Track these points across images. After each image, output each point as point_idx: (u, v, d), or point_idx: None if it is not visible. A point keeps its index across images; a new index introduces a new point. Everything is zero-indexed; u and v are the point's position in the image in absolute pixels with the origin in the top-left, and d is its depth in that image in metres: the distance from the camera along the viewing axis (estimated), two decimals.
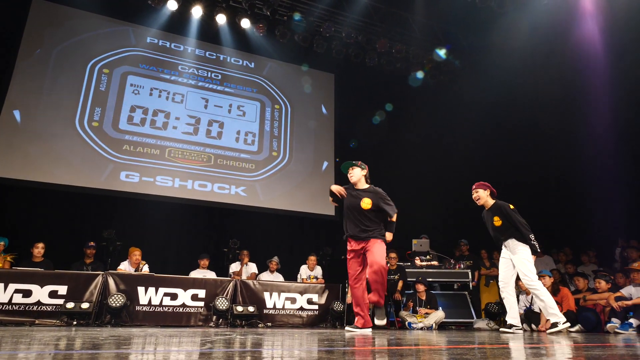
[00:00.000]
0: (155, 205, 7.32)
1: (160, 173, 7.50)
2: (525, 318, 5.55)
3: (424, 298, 6.09)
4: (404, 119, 9.67)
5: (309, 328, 5.41)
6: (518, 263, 4.28)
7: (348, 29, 8.47)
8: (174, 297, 5.24)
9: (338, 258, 7.27)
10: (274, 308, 5.68)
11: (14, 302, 4.61)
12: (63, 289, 4.83)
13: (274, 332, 3.91)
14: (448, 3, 7.92)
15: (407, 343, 2.50)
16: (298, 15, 8.13)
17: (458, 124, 9.24)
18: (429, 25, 8.80)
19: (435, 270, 6.58)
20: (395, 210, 4.18)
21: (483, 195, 4.53)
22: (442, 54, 8.90)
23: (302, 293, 5.89)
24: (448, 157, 9.32)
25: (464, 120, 9.07)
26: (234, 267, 6.62)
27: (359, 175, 4.27)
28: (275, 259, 6.75)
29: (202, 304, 5.31)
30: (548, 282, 5.28)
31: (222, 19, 8.13)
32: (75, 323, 4.63)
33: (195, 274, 6.14)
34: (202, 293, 5.36)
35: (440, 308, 5.96)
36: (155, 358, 1.62)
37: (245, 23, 8.17)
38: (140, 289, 5.13)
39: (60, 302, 4.73)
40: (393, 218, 4.18)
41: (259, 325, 5.33)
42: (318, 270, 6.75)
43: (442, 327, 5.91)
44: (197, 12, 7.97)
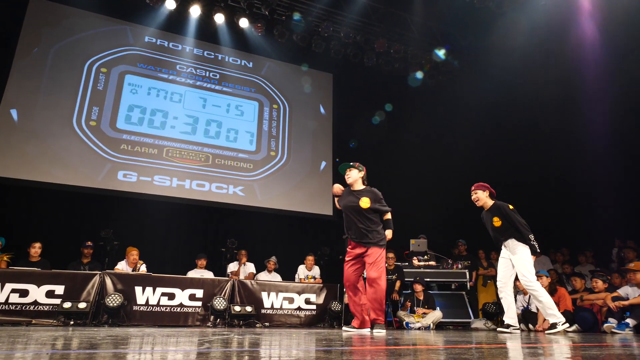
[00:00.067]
0: (153, 205, 7.31)
1: (158, 173, 7.48)
2: (523, 318, 5.56)
3: (422, 298, 6.09)
4: (403, 119, 9.68)
5: (307, 328, 5.41)
6: (517, 263, 4.28)
7: (346, 29, 8.48)
8: (172, 297, 5.22)
9: (336, 258, 7.27)
10: (272, 308, 5.67)
11: (11, 301, 4.58)
12: (60, 289, 4.81)
13: (272, 332, 3.91)
14: (446, 3, 7.94)
15: (404, 343, 2.50)
16: (298, 15, 8.12)
17: (457, 124, 9.26)
18: (427, 26, 8.81)
19: (433, 270, 6.59)
20: (388, 209, 4.23)
21: (482, 197, 4.53)
22: (441, 55, 8.91)
23: (299, 293, 5.88)
24: (446, 157, 9.33)
25: (463, 121, 9.09)
26: (232, 267, 6.61)
27: (356, 177, 4.26)
28: (273, 259, 6.75)
29: (199, 304, 5.29)
30: (545, 282, 5.29)
31: (220, 19, 8.13)
32: (72, 323, 4.61)
33: (193, 274, 6.13)
34: (199, 293, 5.34)
35: (438, 308, 5.97)
36: (153, 358, 1.61)
37: (244, 22, 8.16)
38: (138, 289, 5.11)
39: (57, 301, 4.70)
40: (389, 215, 4.22)
41: (257, 325, 5.32)
42: (316, 270, 6.75)
43: (439, 327, 5.91)
44: (195, 11, 7.96)
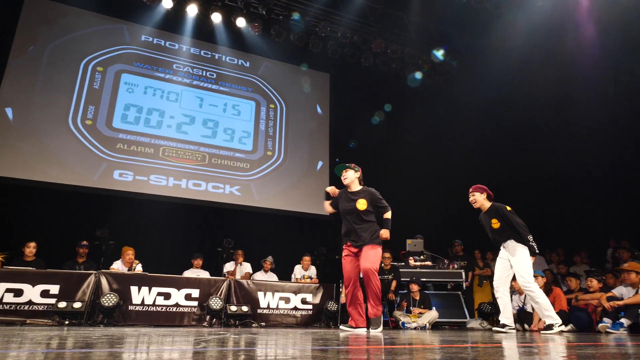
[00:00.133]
0: (149, 205, 7.28)
1: (154, 172, 7.45)
2: (518, 318, 5.58)
3: (418, 298, 6.10)
4: (400, 119, 9.69)
5: (303, 328, 5.41)
6: (516, 264, 4.28)
7: (344, 29, 8.48)
8: (168, 296, 5.21)
9: (332, 258, 7.27)
10: (268, 308, 5.66)
11: (5, 301, 4.56)
12: (55, 289, 4.79)
13: (268, 331, 3.90)
14: (443, 4, 7.96)
15: (401, 342, 2.50)
16: (297, 15, 8.12)
17: (454, 124, 9.29)
18: (425, 26, 8.83)
19: (429, 271, 6.61)
20: (389, 209, 4.20)
21: (479, 199, 4.53)
22: (439, 55, 8.93)
23: (296, 293, 5.88)
24: (444, 157, 9.35)
25: (461, 121, 9.11)
26: (228, 266, 6.60)
27: (353, 178, 4.25)
28: (270, 259, 6.74)
29: (195, 304, 5.28)
30: (541, 282, 5.31)
31: (217, 18, 8.11)
32: (67, 323, 4.59)
33: (189, 274, 6.11)
34: (195, 293, 5.33)
35: (434, 308, 5.98)
36: (149, 357, 1.60)
37: (241, 22, 8.14)
38: (134, 289, 5.10)
39: (52, 301, 4.69)
40: (388, 215, 4.19)
41: (253, 325, 5.32)
42: (312, 270, 6.75)
43: (435, 326, 5.93)
44: (192, 10, 7.94)
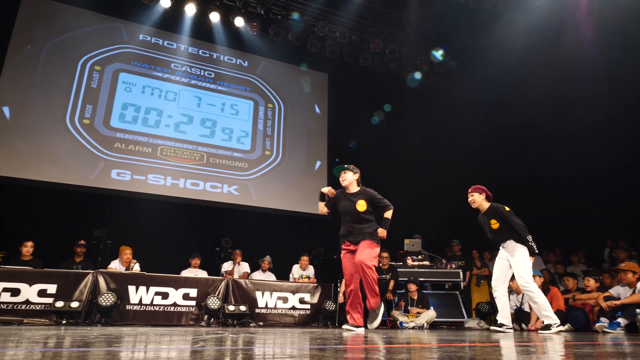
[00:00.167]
0: (147, 204, 7.27)
1: (152, 171, 7.44)
2: (516, 317, 5.59)
3: (416, 298, 6.11)
4: (398, 119, 9.70)
5: (301, 327, 5.41)
6: (515, 264, 4.29)
7: (342, 29, 8.48)
8: (165, 296, 5.20)
9: (330, 258, 7.27)
10: (266, 307, 5.66)
11: (2, 300, 4.54)
12: (52, 288, 4.77)
13: (266, 331, 3.90)
14: (441, 4, 7.96)
15: (398, 342, 2.51)
16: (297, 15, 8.11)
17: (453, 125, 9.30)
18: (423, 26, 8.84)
19: (427, 270, 6.61)
20: (391, 207, 4.18)
21: (478, 199, 4.54)
22: (438, 56, 8.94)
23: (294, 292, 5.88)
24: (441, 157, 9.37)
25: (459, 121, 9.13)
26: (226, 266, 6.59)
27: (351, 179, 4.26)
28: (268, 258, 6.74)
29: (193, 303, 5.28)
30: (538, 282, 5.31)
31: (215, 17, 8.10)
32: (65, 322, 4.58)
33: (187, 273, 6.11)
34: (193, 292, 5.33)
35: (432, 307, 5.99)
36: (146, 356, 1.60)
37: (239, 21, 8.14)
38: (131, 288, 5.09)
39: (50, 301, 4.67)
40: (388, 214, 4.17)
41: (251, 325, 5.31)
42: (310, 270, 6.75)
43: (433, 326, 5.93)
44: (190, 9, 7.93)
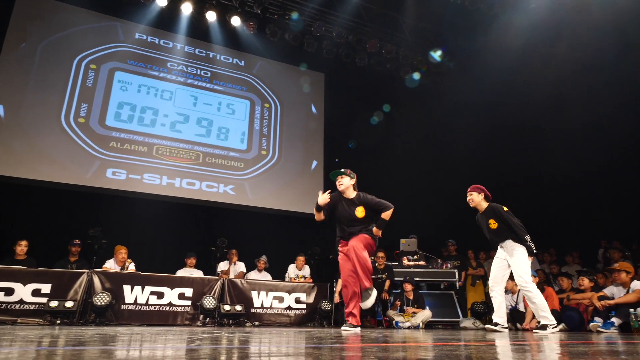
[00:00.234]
0: (142, 203, 7.23)
1: (148, 170, 7.41)
2: (510, 317, 5.61)
3: (411, 297, 6.12)
4: (395, 120, 9.72)
5: (297, 327, 5.40)
6: (515, 264, 4.31)
7: (339, 29, 8.48)
8: (161, 295, 5.18)
9: (326, 258, 7.27)
10: (262, 307, 5.65)
11: None
12: (47, 287, 4.74)
13: (262, 330, 3.90)
14: (438, 5, 7.98)
15: (394, 341, 2.51)
16: (296, 14, 8.11)
17: (449, 125, 9.33)
18: (419, 27, 8.85)
19: (423, 270, 6.63)
20: (391, 206, 4.11)
21: (477, 199, 4.55)
22: (436, 56, 8.97)
23: (290, 292, 5.87)
24: (437, 157, 9.40)
25: (455, 121, 9.15)
26: (222, 266, 6.57)
27: (348, 184, 4.25)
28: (264, 258, 6.73)
29: (189, 303, 5.26)
30: (533, 282, 5.34)
31: (212, 16, 8.08)
32: (59, 322, 4.55)
33: (182, 273, 6.09)
34: (189, 292, 5.31)
35: (427, 307, 6.01)
36: (141, 355, 1.60)
37: (236, 21, 8.12)
38: (126, 288, 5.06)
39: (44, 300, 4.64)
40: (385, 215, 4.10)
41: (247, 324, 5.31)
42: (306, 270, 6.75)
43: (428, 326, 5.95)
44: (187, 8, 7.91)
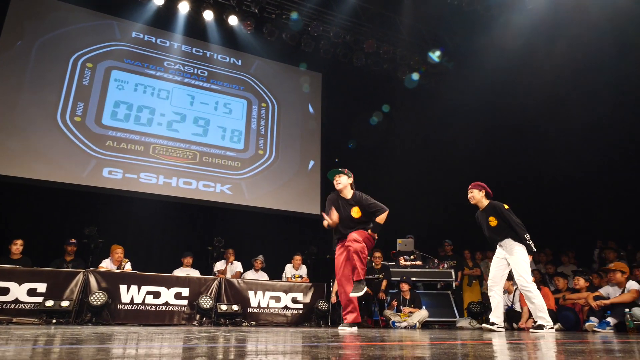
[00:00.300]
0: (139, 203, 7.21)
1: (144, 170, 7.38)
2: (507, 317, 5.63)
3: (408, 297, 6.13)
4: (391, 120, 9.73)
5: (294, 327, 5.40)
6: (515, 263, 4.32)
7: (336, 29, 8.49)
8: (157, 295, 5.17)
9: (323, 257, 7.28)
10: (259, 307, 5.65)
11: None
12: (42, 287, 4.72)
13: (259, 330, 3.89)
14: (435, 5, 8.00)
15: (391, 340, 2.51)
16: (296, 14, 8.11)
17: (446, 125, 9.35)
18: (416, 27, 8.88)
19: (419, 270, 6.64)
20: (386, 210, 4.11)
21: (477, 196, 4.55)
22: (435, 57, 8.99)
23: (286, 292, 5.87)
24: (435, 157, 9.42)
25: (452, 122, 9.18)
26: (219, 265, 6.56)
27: (345, 183, 4.28)
28: (260, 258, 6.72)
29: (185, 303, 5.24)
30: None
31: (209, 16, 8.06)
32: (55, 321, 4.53)
33: (179, 273, 6.08)
34: (185, 291, 5.29)
35: (424, 307, 6.01)
36: (138, 353, 1.59)
37: (233, 20, 8.11)
38: (122, 287, 5.05)
39: (39, 300, 4.61)
40: (380, 218, 4.10)
41: (243, 324, 5.30)
42: (303, 269, 6.75)
43: (425, 326, 5.96)
44: (184, 7, 7.89)
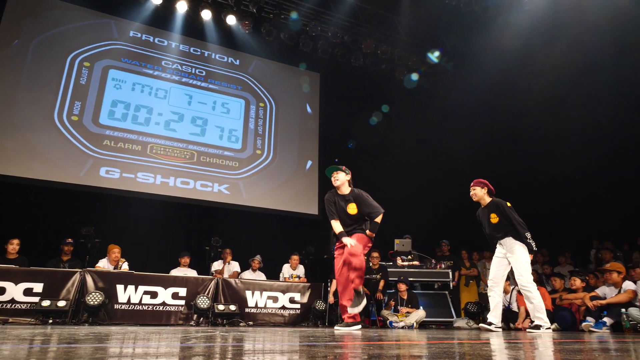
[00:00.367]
0: (136, 202, 7.19)
1: (142, 169, 7.36)
2: (504, 317, 5.64)
3: (406, 297, 6.14)
4: (389, 120, 9.74)
5: (291, 327, 5.40)
6: (515, 262, 4.33)
7: (334, 29, 8.49)
8: (154, 295, 5.15)
9: (321, 257, 7.27)
10: (256, 307, 5.64)
11: None
12: (39, 287, 4.70)
13: (256, 330, 3.89)
14: (433, 6, 8.01)
15: (389, 339, 2.51)
16: (295, 14, 8.10)
17: (444, 126, 9.37)
18: (414, 28, 8.89)
19: (417, 270, 6.65)
20: (381, 211, 4.19)
21: (479, 193, 4.55)
22: (434, 57, 9.00)
23: (284, 292, 5.86)
24: (432, 158, 9.43)
25: (450, 122, 9.19)
26: (216, 265, 6.55)
27: (343, 180, 4.31)
28: (258, 258, 6.71)
29: (182, 303, 5.23)
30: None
31: (207, 15, 8.05)
32: (51, 322, 4.51)
33: (176, 272, 6.06)
34: (182, 291, 5.28)
35: (421, 307, 6.02)
36: (135, 352, 1.59)
37: (231, 20, 8.10)
38: (120, 287, 5.03)
39: (36, 300, 4.59)
40: (377, 219, 4.19)
41: (241, 324, 5.29)
42: (300, 269, 6.74)
43: (422, 326, 5.96)
44: (182, 7, 7.87)
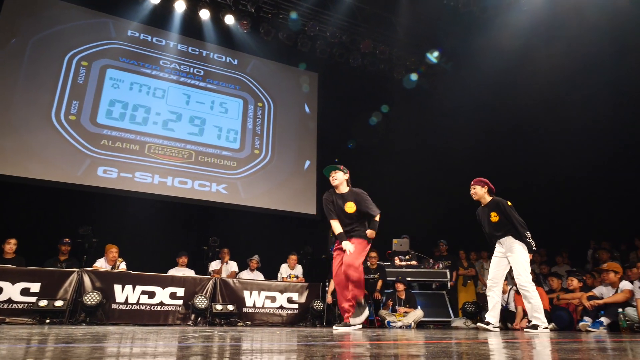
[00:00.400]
0: (134, 202, 7.17)
1: (140, 169, 7.35)
2: (501, 317, 5.65)
3: (403, 297, 6.14)
4: (388, 120, 9.75)
5: (289, 327, 5.40)
6: (514, 262, 4.34)
7: (332, 29, 8.49)
8: (152, 295, 5.15)
9: (319, 257, 7.27)
10: (254, 307, 5.64)
11: None
12: (36, 287, 4.69)
13: (254, 330, 3.89)
14: (431, 6, 8.02)
15: (387, 339, 2.52)
16: (294, 14, 8.10)
17: (442, 126, 9.37)
18: (413, 28, 8.89)
19: (415, 270, 6.66)
20: (378, 211, 4.25)
21: (480, 192, 4.56)
22: (433, 58, 9.01)
23: (282, 292, 5.87)
24: (430, 158, 9.43)
25: (448, 123, 9.20)
26: (214, 265, 6.54)
27: (342, 179, 4.34)
28: (256, 258, 6.71)
29: (180, 303, 5.23)
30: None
31: (205, 15, 8.04)
32: (48, 321, 4.50)
33: (174, 272, 6.05)
34: (180, 291, 5.28)
35: (419, 307, 6.03)
36: (133, 352, 1.58)
37: (229, 19, 8.09)
38: (117, 287, 5.03)
39: (33, 299, 4.59)
40: (376, 217, 4.24)
41: (239, 324, 5.29)
42: (299, 269, 6.74)
43: (420, 325, 5.98)
44: (180, 6, 7.86)
